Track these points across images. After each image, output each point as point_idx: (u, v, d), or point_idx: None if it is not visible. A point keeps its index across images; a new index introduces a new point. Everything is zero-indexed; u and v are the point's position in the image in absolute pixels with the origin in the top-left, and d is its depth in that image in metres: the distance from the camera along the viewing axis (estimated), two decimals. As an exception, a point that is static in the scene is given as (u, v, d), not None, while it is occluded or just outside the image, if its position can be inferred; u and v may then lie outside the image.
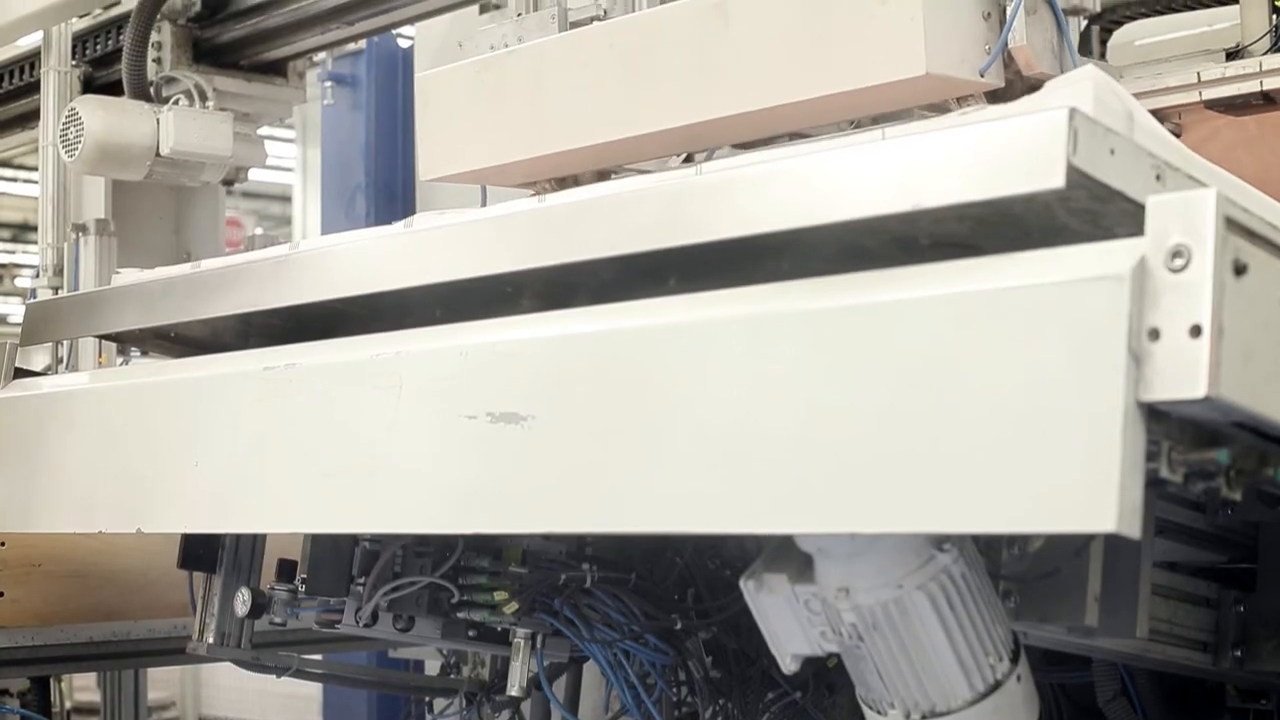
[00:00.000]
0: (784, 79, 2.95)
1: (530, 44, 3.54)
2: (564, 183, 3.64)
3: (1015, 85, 2.96)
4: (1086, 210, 1.96)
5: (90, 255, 7.24)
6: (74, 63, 7.37)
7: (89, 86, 7.33)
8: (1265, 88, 2.67)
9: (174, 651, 4.40)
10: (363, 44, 8.30)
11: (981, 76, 2.87)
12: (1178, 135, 2.79)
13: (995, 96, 2.95)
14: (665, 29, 3.14)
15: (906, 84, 2.83)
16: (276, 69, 7.11)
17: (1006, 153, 1.91)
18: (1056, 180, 1.85)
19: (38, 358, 6.65)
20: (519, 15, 3.70)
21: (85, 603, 4.49)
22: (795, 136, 3.68)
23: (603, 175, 3.66)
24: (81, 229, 7.31)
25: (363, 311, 2.84)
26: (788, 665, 2.45)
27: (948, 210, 1.97)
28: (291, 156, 14.70)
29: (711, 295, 2.12)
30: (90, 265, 7.21)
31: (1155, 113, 2.73)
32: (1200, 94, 2.78)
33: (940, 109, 3.07)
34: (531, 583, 3.18)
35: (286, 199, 16.83)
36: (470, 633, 3.41)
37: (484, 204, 4.15)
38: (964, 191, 1.94)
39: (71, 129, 6.58)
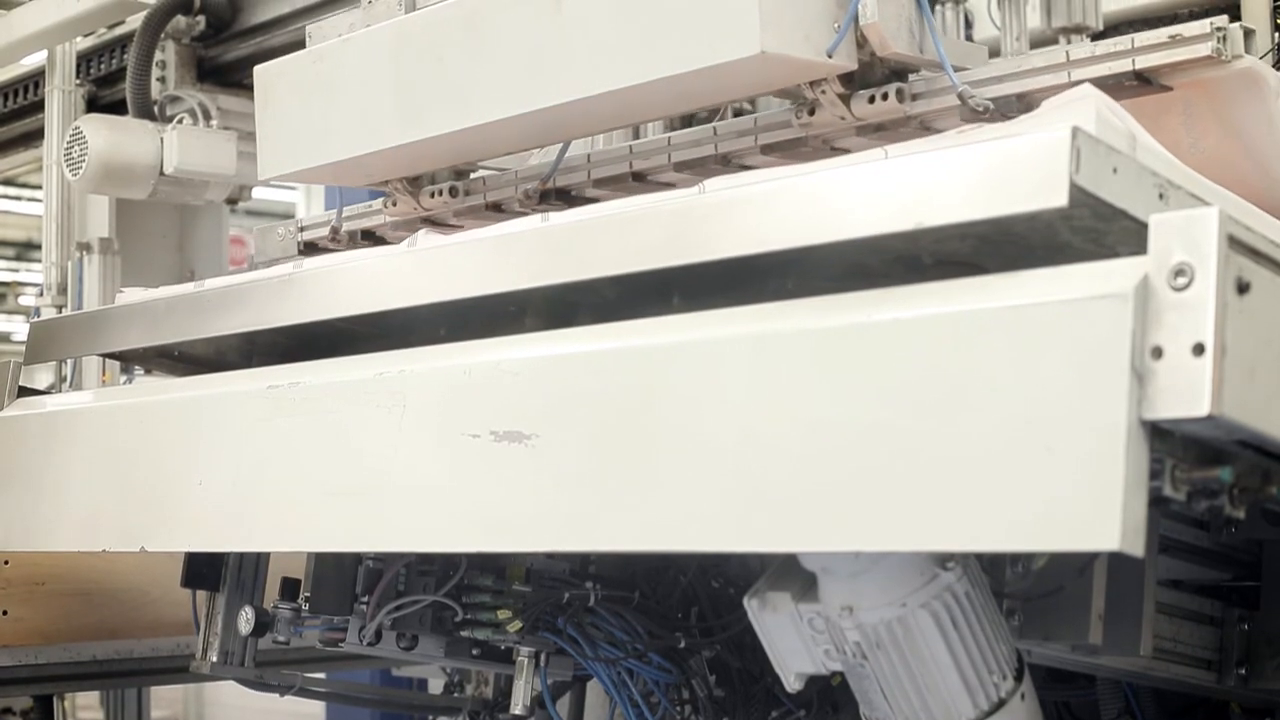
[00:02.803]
0: (619, 63, 2.75)
1: (363, 31, 3.32)
2: (417, 182, 3.48)
3: (874, 68, 2.73)
4: (1089, 229, 1.96)
5: (94, 273, 7.25)
6: (78, 82, 7.39)
7: (93, 105, 7.35)
8: (1138, 67, 2.38)
9: (177, 670, 4.40)
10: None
11: (829, 57, 2.62)
12: None
13: (851, 80, 2.73)
14: (498, 14, 2.95)
15: (743, 65, 2.59)
16: (280, 87, 7.11)
17: (1009, 171, 1.91)
18: (1059, 199, 1.85)
19: (41, 376, 6.64)
20: (369, 1, 3.43)
21: (88, 621, 4.48)
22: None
23: (460, 174, 3.50)
24: (85, 247, 7.33)
25: (366, 330, 2.85)
26: (791, 684, 2.45)
27: (950, 229, 1.97)
28: (295, 175, 14.70)
29: (715, 314, 2.12)
30: (94, 284, 7.22)
31: (1022, 97, 2.58)
32: (1069, 75, 2.51)
33: (793, 95, 2.84)
34: (535, 601, 3.18)
35: (290, 217, 16.88)
36: (474, 651, 3.41)
37: (339, 206, 3.86)
38: (966, 210, 1.94)
39: (76, 148, 6.59)
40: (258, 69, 3.57)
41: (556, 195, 3.17)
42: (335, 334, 2.90)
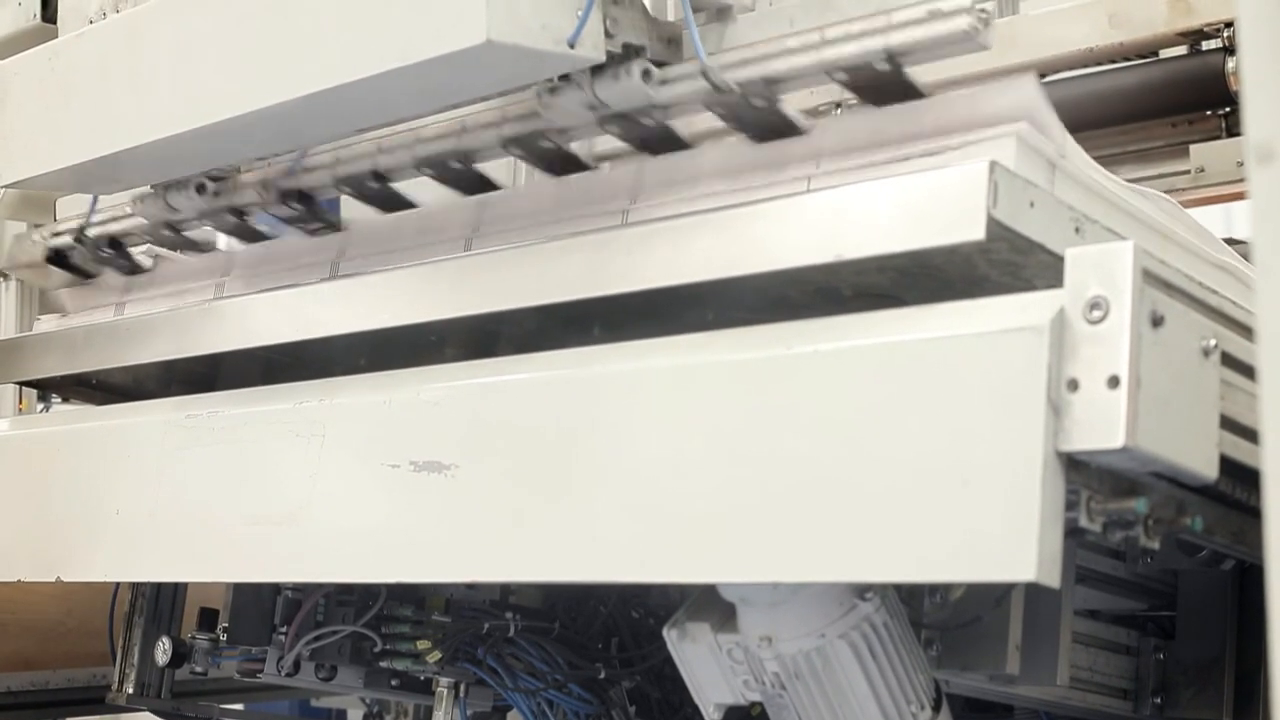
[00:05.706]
0: (340, 57, 2.46)
1: (94, 26, 3.03)
2: (169, 190, 3.21)
3: (629, 62, 2.40)
4: (1007, 262, 1.98)
5: (11, 300, 7.18)
6: (-5, 108, 7.33)
7: (11, 132, 7.28)
8: (891, 45, 2.14)
9: (93, 701, 4.36)
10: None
11: (572, 48, 2.29)
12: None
13: (604, 74, 2.41)
14: (216, 8, 2.69)
15: (471, 57, 2.28)
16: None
17: (928, 205, 1.92)
18: (977, 233, 1.86)
19: (-43, 404, 6.58)
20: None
21: (3, 652, 4.44)
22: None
23: (215, 179, 3.18)
24: (2, 275, 7.26)
25: (286, 359, 2.83)
26: (711, 714, 2.45)
27: (870, 261, 1.98)
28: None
29: (635, 345, 2.13)
30: (11, 310, 7.16)
31: (771, 81, 2.30)
32: (821, 55, 2.21)
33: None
34: (455, 631, 3.17)
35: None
36: (393, 682, 3.39)
37: (91, 211, 3.52)
38: (885, 243, 1.95)
39: (-7, 174, 6.53)
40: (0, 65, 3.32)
41: (299, 198, 2.98)
42: (255, 362, 2.89)
